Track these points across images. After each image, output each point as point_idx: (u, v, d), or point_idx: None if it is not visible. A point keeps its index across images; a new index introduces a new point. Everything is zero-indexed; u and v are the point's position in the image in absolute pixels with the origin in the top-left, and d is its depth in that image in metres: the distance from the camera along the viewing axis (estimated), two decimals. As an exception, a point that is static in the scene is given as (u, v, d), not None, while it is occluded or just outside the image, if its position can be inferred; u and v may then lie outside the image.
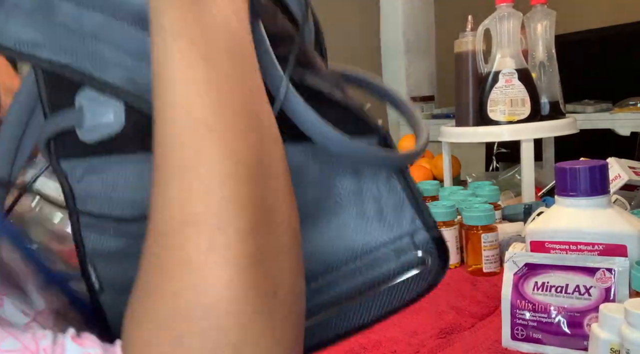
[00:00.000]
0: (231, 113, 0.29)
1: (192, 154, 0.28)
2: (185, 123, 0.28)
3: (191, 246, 0.27)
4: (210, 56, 0.29)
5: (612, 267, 0.57)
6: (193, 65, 0.29)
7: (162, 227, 0.28)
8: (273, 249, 0.29)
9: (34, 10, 0.37)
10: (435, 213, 0.92)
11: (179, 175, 0.28)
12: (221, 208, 0.27)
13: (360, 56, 3.30)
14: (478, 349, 0.64)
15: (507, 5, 1.12)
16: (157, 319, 0.27)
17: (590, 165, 0.61)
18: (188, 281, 0.27)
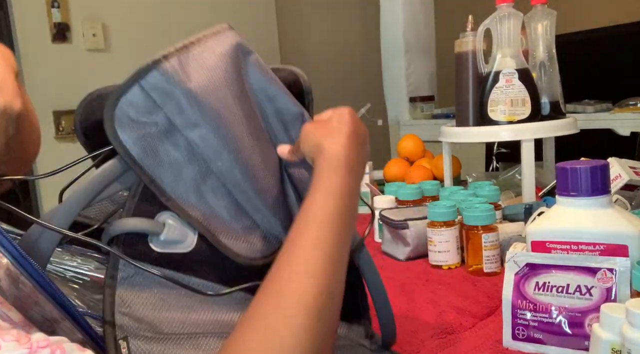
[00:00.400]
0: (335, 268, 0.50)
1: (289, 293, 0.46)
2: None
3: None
4: (344, 216, 0.52)
5: (613, 267, 0.57)
6: (333, 223, 0.51)
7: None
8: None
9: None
10: (436, 213, 0.92)
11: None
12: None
13: (360, 56, 3.31)
14: (479, 349, 0.64)
15: (508, 5, 1.12)
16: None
17: (591, 165, 0.61)
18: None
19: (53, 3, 2.38)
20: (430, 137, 1.67)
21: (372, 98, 1.87)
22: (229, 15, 2.82)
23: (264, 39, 2.94)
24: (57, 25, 2.39)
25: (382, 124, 1.81)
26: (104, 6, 2.50)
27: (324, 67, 3.21)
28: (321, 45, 3.21)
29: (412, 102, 2.38)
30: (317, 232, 0.49)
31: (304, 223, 0.50)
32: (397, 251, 1.00)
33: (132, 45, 2.56)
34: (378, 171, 1.59)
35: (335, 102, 2.45)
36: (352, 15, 3.32)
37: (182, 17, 2.69)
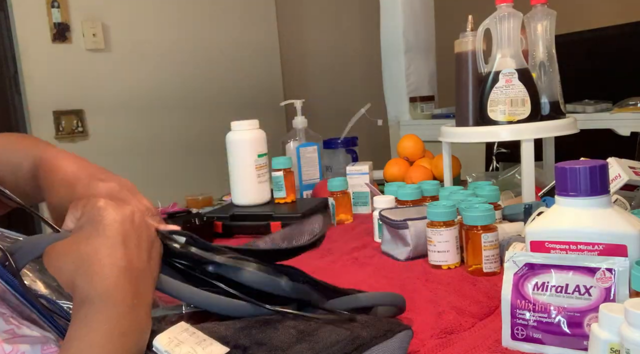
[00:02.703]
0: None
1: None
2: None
3: None
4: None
5: (612, 267, 0.57)
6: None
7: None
8: None
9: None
10: (435, 213, 0.92)
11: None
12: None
13: (360, 56, 3.31)
14: (478, 349, 0.64)
15: (507, 5, 1.12)
16: None
17: (590, 165, 0.61)
18: None
19: (53, 3, 2.38)
20: (430, 137, 1.67)
21: (372, 98, 1.87)
22: (229, 15, 2.82)
23: (264, 39, 2.94)
24: (57, 25, 2.40)
25: (382, 124, 1.81)
26: (104, 6, 2.50)
27: (324, 67, 3.21)
28: (321, 45, 3.21)
29: (412, 102, 2.38)
30: None
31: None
32: (397, 251, 1.00)
33: (132, 45, 2.56)
34: (378, 171, 1.59)
35: (336, 102, 2.46)
36: (352, 15, 3.32)
37: (182, 17, 2.69)
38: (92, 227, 0.48)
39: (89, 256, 0.46)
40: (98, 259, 0.46)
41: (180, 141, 2.68)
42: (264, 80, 2.92)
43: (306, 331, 0.53)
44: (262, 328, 0.53)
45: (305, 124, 1.59)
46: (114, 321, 0.44)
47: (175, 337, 0.47)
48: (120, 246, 0.47)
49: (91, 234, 0.47)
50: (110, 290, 0.45)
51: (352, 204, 1.34)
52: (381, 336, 0.54)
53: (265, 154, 1.43)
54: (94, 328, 0.43)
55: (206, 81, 2.76)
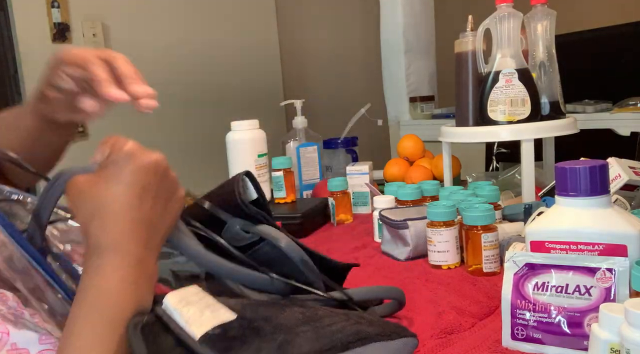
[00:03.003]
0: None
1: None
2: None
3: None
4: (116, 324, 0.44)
5: (612, 267, 0.57)
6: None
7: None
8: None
9: None
10: (435, 213, 0.92)
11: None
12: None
13: (360, 56, 3.31)
14: (478, 349, 0.64)
15: (507, 5, 1.12)
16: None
17: (590, 165, 0.61)
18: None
19: (53, 3, 2.38)
20: (430, 137, 1.67)
21: (372, 98, 1.87)
22: (229, 15, 2.82)
23: (264, 39, 2.94)
24: (57, 25, 2.40)
25: (382, 124, 1.81)
26: (104, 6, 2.50)
27: (324, 67, 3.21)
28: (321, 45, 3.21)
29: (412, 102, 2.38)
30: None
31: (68, 334, 0.43)
32: (397, 251, 1.00)
33: (132, 45, 2.56)
34: (378, 171, 1.59)
35: (336, 102, 2.47)
36: (352, 15, 3.32)
37: (182, 17, 2.69)
38: (115, 170, 0.48)
39: (106, 203, 0.47)
40: (113, 209, 0.47)
41: (180, 141, 2.68)
42: (264, 80, 2.92)
43: (312, 317, 0.53)
44: (269, 308, 0.53)
45: (305, 124, 1.59)
46: (125, 270, 0.45)
47: (185, 298, 0.48)
48: (137, 197, 0.48)
49: (112, 178, 0.48)
50: (121, 241, 0.46)
51: (352, 204, 1.34)
52: (386, 335, 0.54)
53: (265, 154, 1.43)
54: (107, 277, 0.45)
55: (206, 81, 2.76)
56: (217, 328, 0.46)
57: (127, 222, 0.47)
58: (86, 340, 0.42)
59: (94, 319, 0.43)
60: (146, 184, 0.49)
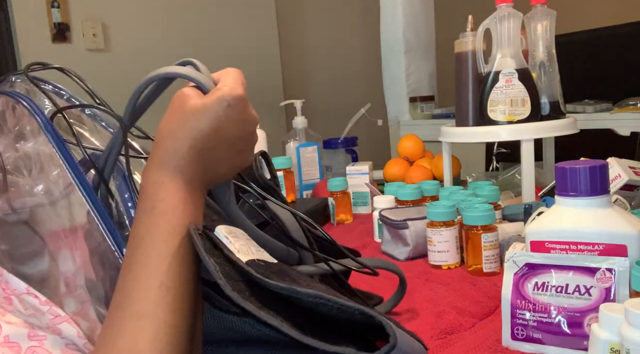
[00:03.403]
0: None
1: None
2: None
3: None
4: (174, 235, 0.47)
5: (612, 267, 0.57)
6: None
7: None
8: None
9: None
10: (435, 213, 0.92)
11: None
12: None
13: (360, 56, 3.31)
14: (478, 349, 0.64)
15: (507, 5, 1.12)
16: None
17: (590, 165, 0.61)
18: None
19: (53, 3, 2.38)
20: (430, 137, 1.67)
21: (372, 98, 1.88)
22: (229, 15, 2.82)
23: (264, 39, 2.94)
24: (57, 25, 2.40)
25: (382, 124, 1.81)
26: (104, 6, 2.50)
27: (324, 67, 3.21)
28: (321, 45, 3.21)
29: (412, 102, 2.38)
30: (143, 268, 0.45)
31: (129, 255, 0.46)
32: (397, 251, 1.00)
33: (132, 45, 2.56)
34: (378, 171, 1.59)
35: (336, 102, 2.47)
36: (352, 15, 3.32)
37: (182, 17, 2.69)
38: (212, 107, 0.49)
39: (190, 120, 0.49)
40: (194, 129, 0.49)
41: (180, 141, 2.68)
42: (264, 80, 2.92)
43: (330, 290, 0.53)
44: (294, 272, 0.54)
45: (305, 124, 1.59)
46: (183, 192, 0.48)
47: (234, 232, 0.50)
48: (216, 129, 0.49)
49: (202, 113, 0.49)
50: (184, 168, 0.49)
51: (352, 204, 1.34)
52: (401, 328, 0.54)
53: (265, 154, 1.43)
54: (171, 194, 0.48)
55: (206, 81, 2.76)
56: (261, 261, 0.48)
57: (198, 152, 0.49)
58: (156, 247, 0.46)
59: (161, 228, 0.46)
60: (232, 116, 0.50)
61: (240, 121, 0.51)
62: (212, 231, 0.49)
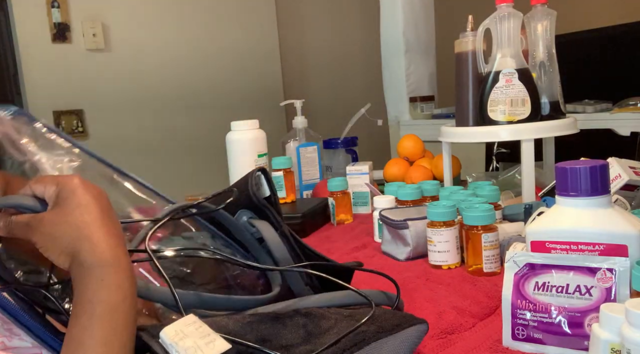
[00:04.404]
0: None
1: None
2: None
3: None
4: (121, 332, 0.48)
5: (612, 267, 0.57)
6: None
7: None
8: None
9: None
10: (436, 213, 0.92)
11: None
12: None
13: (360, 56, 3.31)
14: (479, 349, 0.64)
15: (507, 5, 1.12)
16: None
17: (590, 165, 0.61)
18: None
19: (53, 3, 2.38)
20: (430, 137, 1.67)
21: (372, 98, 1.87)
22: (229, 15, 2.82)
23: (264, 39, 2.94)
24: (57, 25, 2.40)
25: (382, 124, 1.81)
26: (104, 6, 2.50)
27: (324, 67, 3.21)
28: (321, 45, 3.21)
29: (412, 102, 2.38)
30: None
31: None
32: (397, 251, 1.00)
33: (132, 45, 2.56)
34: (378, 171, 1.59)
35: (336, 102, 2.46)
36: (352, 15, 3.32)
37: (182, 17, 2.69)
38: (75, 201, 0.52)
39: (87, 225, 0.51)
40: (97, 230, 0.51)
41: (180, 141, 2.68)
42: (264, 80, 2.92)
43: (313, 331, 0.53)
44: (271, 323, 0.54)
45: (305, 124, 1.59)
46: (126, 283, 0.50)
47: (181, 330, 0.49)
48: (107, 220, 0.52)
49: (78, 209, 0.51)
50: (118, 255, 0.50)
51: (352, 204, 1.34)
52: (387, 331, 0.55)
53: (265, 154, 1.43)
54: (112, 292, 0.49)
55: (206, 81, 2.76)
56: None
57: (114, 240, 0.51)
58: (101, 351, 0.46)
59: (105, 332, 0.47)
60: (106, 210, 0.53)
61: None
62: (158, 339, 0.49)
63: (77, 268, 0.49)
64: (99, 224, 0.51)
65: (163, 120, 2.65)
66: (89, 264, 0.49)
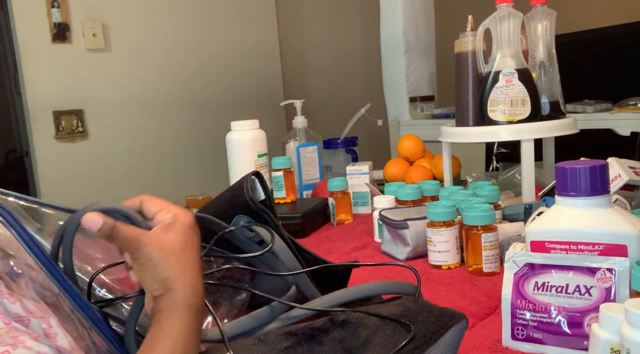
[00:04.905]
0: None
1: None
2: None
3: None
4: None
5: (612, 267, 0.57)
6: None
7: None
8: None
9: None
10: (435, 213, 0.92)
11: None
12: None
13: (360, 56, 3.31)
14: (478, 349, 0.64)
15: (507, 5, 1.12)
16: None
17: (590, 165, 0.61)
18: None
19: (53, 3, 2.38)
20: (430, 137, 1.67)
21: (372, 98, 1.87)
22: (229, 15, 2.82)
23: (264, 39, 2.94)
24: (57, 25, 2.40)
25: (382, 124, 1.81)
26: (104, 6, 2.50)
27: (324, 67, 3.21)
28: (321, 45, 3.21)
29: (412, 102, 2.38)
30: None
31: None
32: (397, 251, 1.00)
33: (132, 45, 2.56)
34: (378, 171, 1.59)
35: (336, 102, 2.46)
36: (352, 15, 3.32)
37: (182, 17, 2.69)
38: (185, 238, 0.53)
39: (193, 268, 0.52)
40: (197, 275, 0.53)
41: (180, 141, 2.68)
42: (264, 80, 2.92)
43: (352, 347, 0.52)
44: (307, 346, 0.53)
45: (305, 124, 1.59)
46: (198, 331, 0.52)
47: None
48: (199, 261, 0.54)
49: (187, 247, 0.53)
50: (201, 305, 0.53)
51: (352, 204, 1.34)
52: (429, 339, 0.53)
53: (266, 154, 1.43)
54: (196, 335, 0.51)
55: (206, 81, 2.76)
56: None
57: (201, 290, 0.53)
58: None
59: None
60: (197, 242, 0.55)
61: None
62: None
63: (169, 302, 0.50)
64: (199, 269, 0.53)
65: (163, 120, 2.65)
66: (183, 305, 0.50)
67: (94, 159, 2.42)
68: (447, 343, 0.54)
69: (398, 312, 0.56)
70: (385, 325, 0.54)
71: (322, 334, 0.53)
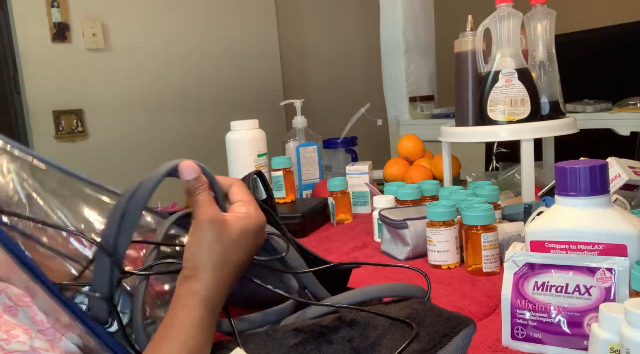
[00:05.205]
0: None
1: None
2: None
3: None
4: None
5: (612, 267, 0.57)
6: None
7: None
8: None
9: None
10: (435, 213, 0.92)
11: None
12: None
13: (360, 56, 3.31)
14: (478, 349, 0.64)
15: (507, 5, 1.12)
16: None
17: (590, 165, 0.61)
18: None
19: (53, 3, 2.38)
20: (430, 137, 1.67)
21: (372, 98, 1.87)
22: (229, 15, 2.82)
23: (264, 39, 2.94)
24: (57, 25, 2.40)
25: (382, 124, 1.81)
26: (104, 6, 2.50)
27: (324, 67, 3.21)
28: (321, 45, 3.21)
29: (412, 102, 2.38)
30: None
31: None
32: (397, 251, 1.00)
33: (132, 45, 2.56)
34: (378, 171, 1.59)
35: (336, 102, 2.47)
36: (352, 16, 3.32)
37: (182, 17, 2.69)
38: (249, 238, 0.53)
39: (231, 267, 0.52)
40: (235, 278, 0.53)
41: (180, 141, 2.68)
42: (264, 80, 2.92)
43: (361, 348, 0.51)
44: (316, 344, 0.52)
45: (305, 124, 1.59)
46: (212, 322, 0.52)
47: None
48: (249, 257, 0.55)
49: (242, 244, 0.53)
50: (219, 305, 0.52)
51: (352, 204, 1.34)
52: (438, 343, 0.53)
53: (265, 154, 1.43)
54: (209, 331, 0.51)
55: (206, 81, 2.76)
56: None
57: (228, 289, 0.53)
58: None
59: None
60: (254, 248, 0.56)
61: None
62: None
63: (189, 289, 0.50)
64: (237, 272, 0.52)
65: (163, 120, 2.65)
66: (200, 297, 0.50)
67: (94, 159, 2.42)
68: (456, 347, 0.54)
69: (406, 314, 0.56)
70: (395, 327, 0.54)
71: (331, 332, 0.53)
